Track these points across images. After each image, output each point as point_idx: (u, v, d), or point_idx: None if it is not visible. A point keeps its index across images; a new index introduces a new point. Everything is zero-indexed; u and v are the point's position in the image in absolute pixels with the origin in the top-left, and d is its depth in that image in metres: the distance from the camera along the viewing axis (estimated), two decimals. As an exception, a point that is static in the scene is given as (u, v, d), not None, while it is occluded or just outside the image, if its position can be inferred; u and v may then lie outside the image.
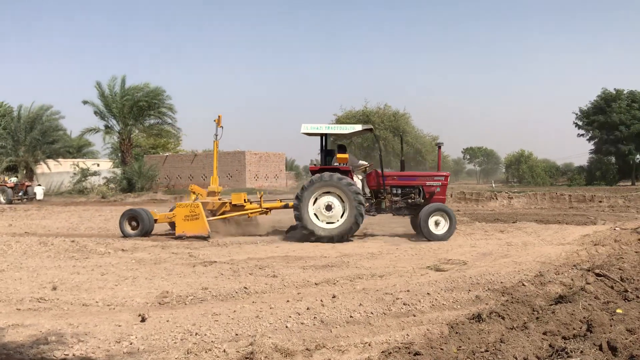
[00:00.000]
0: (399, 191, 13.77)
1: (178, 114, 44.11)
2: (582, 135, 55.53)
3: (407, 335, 5.22)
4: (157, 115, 42.55)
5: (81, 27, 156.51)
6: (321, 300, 6.57)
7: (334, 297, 6.77)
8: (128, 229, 13.88)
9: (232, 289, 7.34)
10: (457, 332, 5.03)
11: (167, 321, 5.76)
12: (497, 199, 26.04)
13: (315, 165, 15.05)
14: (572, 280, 7.30)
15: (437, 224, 12.83)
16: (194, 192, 14.98)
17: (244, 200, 14.57)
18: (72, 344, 5.00)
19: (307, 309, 6.22)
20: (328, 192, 12.86)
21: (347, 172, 13.24)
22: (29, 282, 7.94)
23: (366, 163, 14.83)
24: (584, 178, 53.87)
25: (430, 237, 12.56)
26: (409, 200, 13.64)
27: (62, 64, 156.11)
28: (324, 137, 14.03)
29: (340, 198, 12.81)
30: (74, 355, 4.75)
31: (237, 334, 5.33)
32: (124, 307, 6.53)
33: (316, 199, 12.85)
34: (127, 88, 41.17)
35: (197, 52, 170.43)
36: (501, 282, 7.53)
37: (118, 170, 41.66)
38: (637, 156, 51.61)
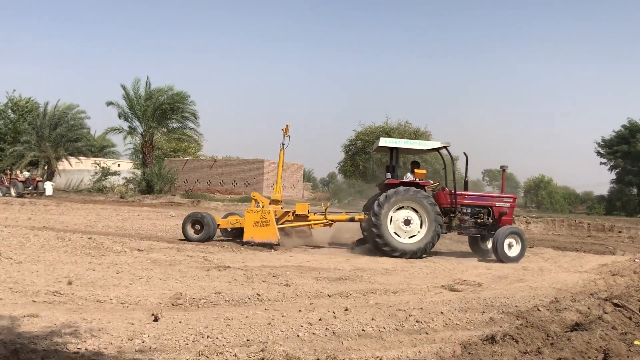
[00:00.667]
0: (469, 210, 13.85)
1: (200, 119, 44.34)
2: (604, 164, 54.91)
3: (419, 352, 5.18)
4: (179, 119, 42.96)
5: (108, 29, 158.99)
6: (333, 312, 6.55)
7: (346, 309, 6.74)
8: (191, 232, 13.65)
9: (245, 295, 7.35)
10: (469, 353, 4.99)
11: (180, 322, 5.78)
12: (514, 222, 25.77)
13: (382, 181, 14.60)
14: (588, 308, 7.19)
15: (510, 246, 12.80)
16: (255, 200, 14.77)
17: (307, 211, 14.31)
18: (85, 339, 5.04)
19: (319, 319, 6.21)
20: (401, 207, 12.99)
21: (423, 188, 13.41)
22: (45, 276, 8.03)
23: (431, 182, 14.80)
24: (604, 207, 53.14)
25: (504, 258, 12.55)
26: (478, 220, 13.70)
27: (87, 65, 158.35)
28: (395, 152, 14.11)
29: (416, 212, 12.98)
30: (86, 349, 4.78)
31: (248, 340, 5.33)
32: (137, 306, 6.57)
33: (392, 214, 12.95)
34: (151, 90, 41.63)
35: (224, 59, 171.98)
36: (516, 306, 7.44)
37: (138, 172, 42.08)
38: (660, 188, 50.86)
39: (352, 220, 14.06)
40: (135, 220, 18.86)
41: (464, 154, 14.35)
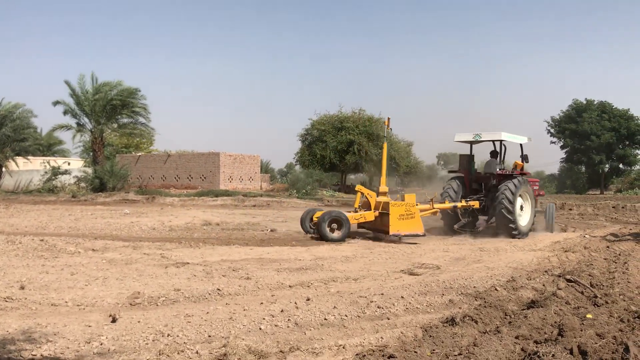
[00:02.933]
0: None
1: (151, 114, 43.40)
2: (554, 143, 56.53)
3: (382, 338, 5.21)
4: (130, 114, 41.96)
5: (55, 23, 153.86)
6: (295, 303, 6.54)
7: (308, 299, 6.74)
8: (329, 231, 13.38)
9: (205, 291, 7.26)
10: (430, 336, 5.04)
11: (139, 322, 5.67)
12: (469, 205, 26.22)
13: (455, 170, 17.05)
14: (543, 285, 7.39)
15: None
16: (362, 192, 14.93)
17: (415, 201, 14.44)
18: (41, 344, 4.88)
19: (281, 311, 6.18)
20: (520, 195, 15.11)
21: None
22: (-4, 281, 7.74)
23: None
24: (555, 186, 54.78)
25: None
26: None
27: (32, 61, 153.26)
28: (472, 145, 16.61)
29: (522, 198, 15.27)
30: (42, 355, 4.64)
31: (210, 336, 5.26)
32: (94, 308, 6.41)
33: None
34: (99, 85, 40.50)
35: (174, 51, 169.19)
36: (474, 287, 7.59)
37: (89, 170, 40.94)
38: (607, 166, 52.69)
39: (455, 207, 15.14)
40: (88, 220, 18.38)
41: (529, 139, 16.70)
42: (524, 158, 16.42)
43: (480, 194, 16.11)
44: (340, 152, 44.20)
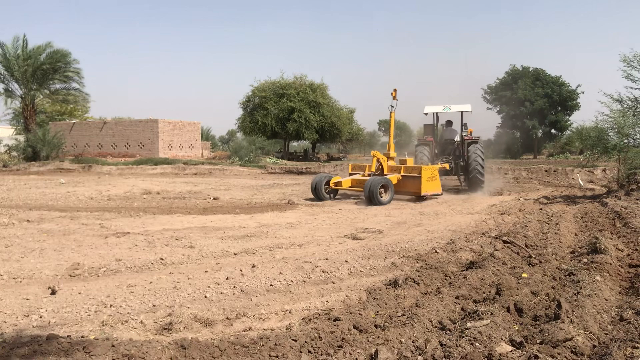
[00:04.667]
0: None
1: (85, 78, 41.84)
2: (490, 109, 57.96)
3: (327, 301, 5.29)
4: (62, 79, 40.21)
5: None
6: (241, 270, 6.54)
7: (253, 266, 6.75)
8: (379, 196, 14.29)
9: (147, 260, 7.14)
10: (374, 298, 5.16)
11: (79, 293, 5.54)
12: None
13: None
14: (481, 247, 7.66)
15: None
16: (376, 157, 16.07)
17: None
18: (-25, 320, 4.70)
19: (227, 278, 6.17)
20: None
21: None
22: None
23: None
24: (491, 151, 56.37)
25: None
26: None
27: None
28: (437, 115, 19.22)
29: None
30: (-23, 331, 4.47)
31: (154, 305, 5.20)
32: (31, 280, 6.20)
33: None
34: (29, 50, 38.53)
35: (113, 15, 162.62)
36: (415, 250, 7.79)
37: (21, 138, 39.21)
38: (539, 131, 54.53)
39: (444, 169, 17.32)
40: (22, 190, 17.68)
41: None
42: (465, 125, 18.49)
43: (443, 157, 18.39)
44: (282, 120, 43.91)
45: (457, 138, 18.81)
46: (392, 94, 16.68)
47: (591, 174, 23.63)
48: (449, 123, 19.29)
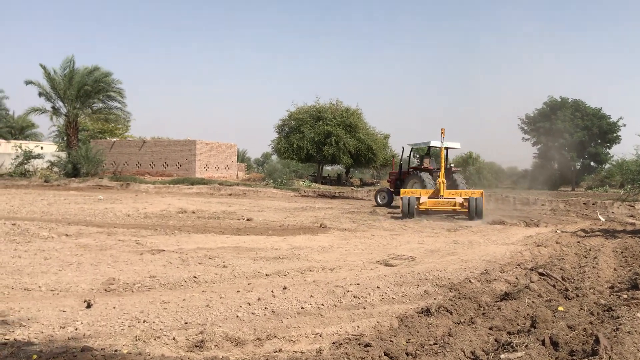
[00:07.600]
0: None
1: (127, 98, 42.83)
2: (527, 139, 57.18)
3: (358, 327, 5.26)
4: (104, 99, 41.33)
5: (32, 6, 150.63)
6: (272, 291, 6.56)
7: (284, 288, 6.76)
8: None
9: (181, 278, 7.23)
10: (406, 325, 5.11)
11: (114, 308, 5.63)
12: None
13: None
14: (516, 278, 7.52)
15: None
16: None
17: None
18: (14, 328, 4.82)
19: (258, 299, 6.19)
20: None
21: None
22: (-34, 265, 7.61)
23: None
24: (528, 182, 55.48)
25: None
26: None
27: (5, 43, 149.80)
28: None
29: None
30: (15, 339, 4.57)
31: (186, 322, 5.25)
32: (68, 293, 6.34)
33: None
34: (74, 70, 39.77)
35: (153, 36, 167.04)
36: (449, 279, 7.69)
37: (63, 154, 40.28)
38: (578, 163, 53.54)
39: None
40: (61, 205, 18.13)
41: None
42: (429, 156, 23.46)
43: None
44: (317, 144, 44.09)
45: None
46: (441, 132, 19.62)
47: (632, 208, 23.01)
48: (427, 153, 23.83)
